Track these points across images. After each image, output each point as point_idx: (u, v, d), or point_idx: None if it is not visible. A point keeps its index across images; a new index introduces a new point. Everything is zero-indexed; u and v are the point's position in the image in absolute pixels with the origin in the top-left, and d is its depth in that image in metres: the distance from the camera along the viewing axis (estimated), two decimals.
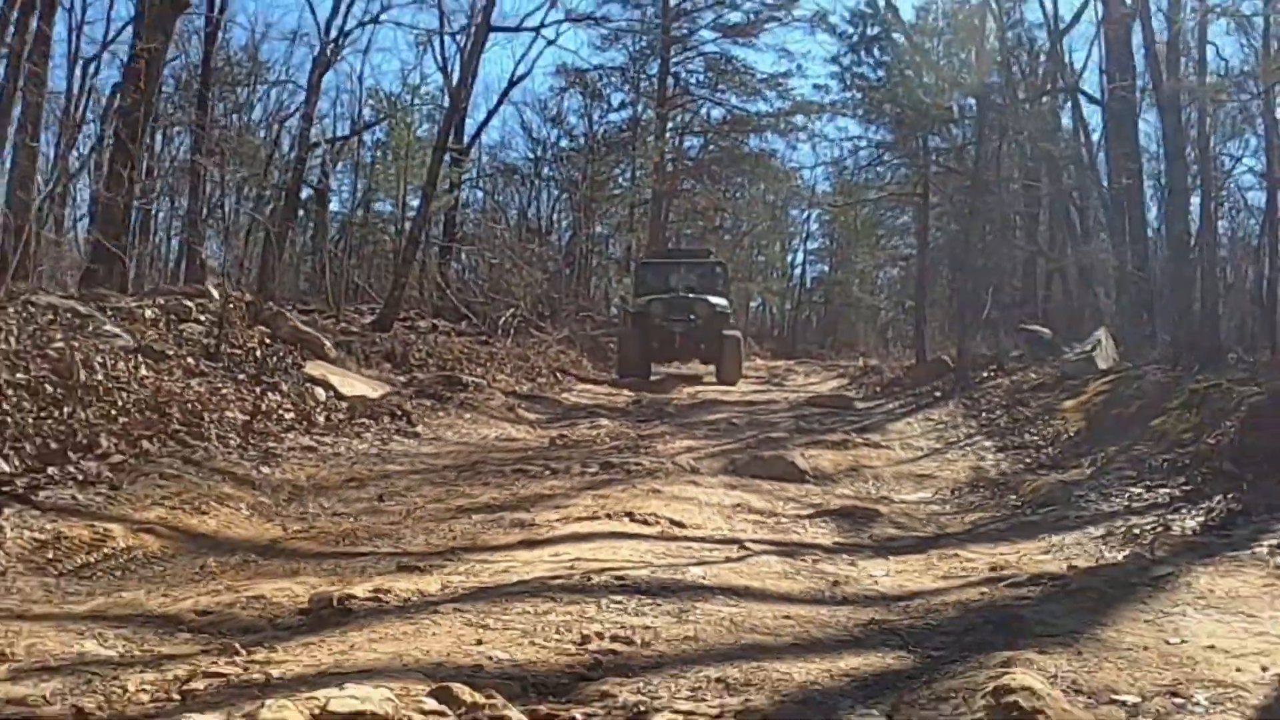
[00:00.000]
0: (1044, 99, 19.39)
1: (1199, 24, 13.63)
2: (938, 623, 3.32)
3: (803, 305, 39.69)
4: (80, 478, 5.06)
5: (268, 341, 9.08)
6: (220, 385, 7.81)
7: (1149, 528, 5.26)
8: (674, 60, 31.01)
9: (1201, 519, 5.35)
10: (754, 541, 5.00)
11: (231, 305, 8.94)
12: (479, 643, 2.96)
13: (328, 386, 8.64)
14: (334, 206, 27.85)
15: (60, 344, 6.88)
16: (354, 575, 3.93)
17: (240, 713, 2.27)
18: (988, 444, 9.95)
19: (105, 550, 4.16)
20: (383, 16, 19.53)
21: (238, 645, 2.88)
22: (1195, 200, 12.30)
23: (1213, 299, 10.21)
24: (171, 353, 8.11)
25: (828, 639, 3.15)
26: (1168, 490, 6.28)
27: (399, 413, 8.84)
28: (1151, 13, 12.89)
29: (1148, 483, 6.66)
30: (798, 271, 41.05)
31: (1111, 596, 3.50)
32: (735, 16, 30.43)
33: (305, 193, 22.95)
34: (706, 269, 20.11)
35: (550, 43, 30.39)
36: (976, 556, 4.78)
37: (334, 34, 19.22)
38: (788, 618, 3.40)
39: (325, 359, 9.53)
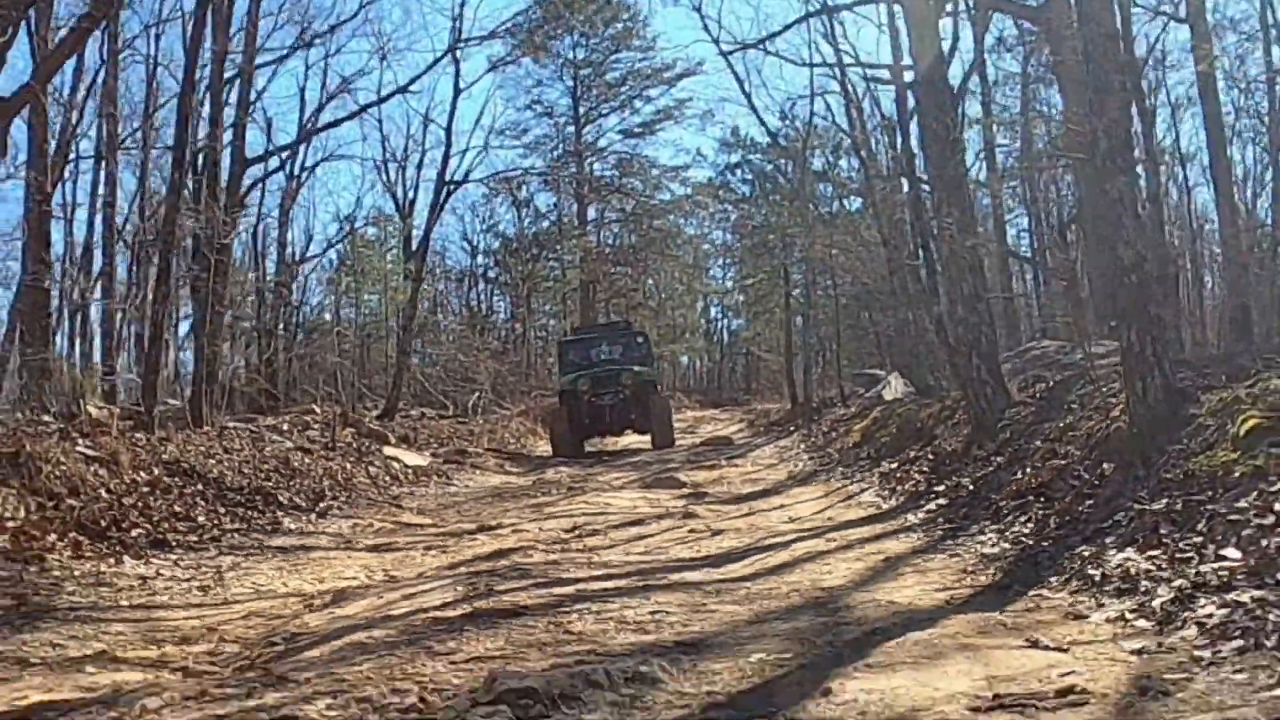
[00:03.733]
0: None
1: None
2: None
3: (726, 357, 47.23)
4: (335, 508, 11.91)
5: (358, 435, 15.96)
6: (344, 464, 14.64)
7: (823, 479, 12.42)
8: (588, 160, 38.63)
9: (850, 477, 12.52)
10: (643, 507, 12.00)
11: (334, 416, 15.83)
12: (540, 529, 9.90)
13: (399, 461, 15.52)
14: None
15: (269, 449, 13.71)
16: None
17: (495, 537, 9.20)
18: (805, 456, 17.12)
19: (375, 529, 10.99)
20: (339, 151, 27.16)
21: (463, 538, 9.80)
22: None
23: (929, 347, 17.61)
24: (309, 448, 14.93)
25: (655, 515, 10.21)
26: (853, 467, 13.45)
27: (440, 473, 15.74)
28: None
29: (851, 465, 13.84)
30: (719, 325, 48.76)
31: (757, 496, 10.61)
32: (636, 119, 38.39)
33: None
34: (629, 340, 22.04)
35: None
36: (740, 501, 11.84)
37: (298, 169, 26.63)
38: (645, 514, 10.45)
39: (390, 444, 16.41)
